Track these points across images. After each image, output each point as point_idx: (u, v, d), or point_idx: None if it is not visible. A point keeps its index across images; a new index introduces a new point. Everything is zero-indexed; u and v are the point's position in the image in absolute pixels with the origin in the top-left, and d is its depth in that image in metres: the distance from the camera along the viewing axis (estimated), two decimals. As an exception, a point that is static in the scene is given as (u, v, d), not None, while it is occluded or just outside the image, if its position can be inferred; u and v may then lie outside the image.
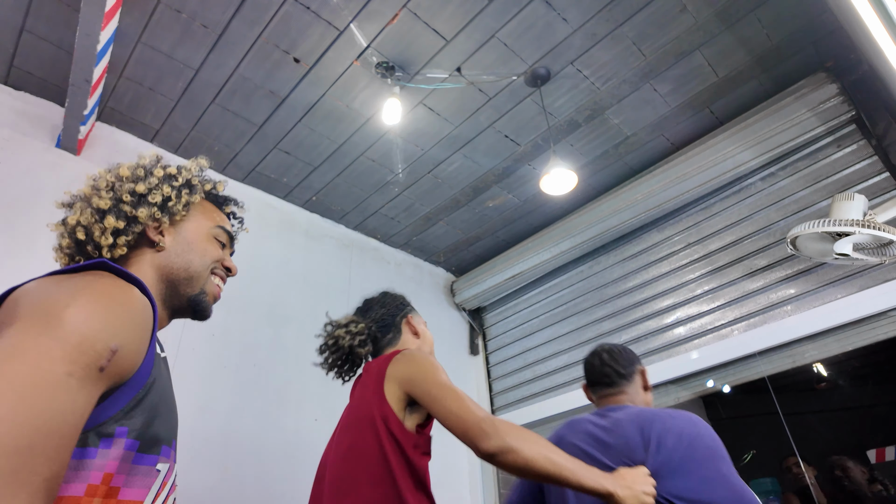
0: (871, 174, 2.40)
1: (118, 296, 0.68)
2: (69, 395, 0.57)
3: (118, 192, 0.89)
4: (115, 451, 0.65)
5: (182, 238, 0.93)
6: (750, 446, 2.77)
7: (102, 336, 0.62)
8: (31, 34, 2.22)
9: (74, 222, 0.88)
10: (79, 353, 0.59)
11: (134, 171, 0.93)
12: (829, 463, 2.44)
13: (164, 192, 0.91)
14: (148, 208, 0.89)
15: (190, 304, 0.92)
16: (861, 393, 2.58)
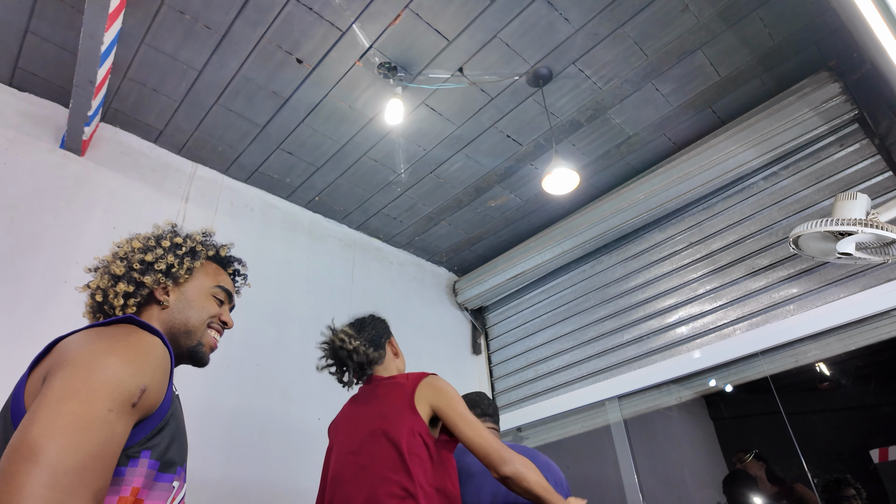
0: (873, 173, 2.39)
1: (145, 346, 0.86)
2: (110, 427, 0.75)
3: (130, 260, 1.09)
4: (140, 469, 0.82)
5: (184, 297, 1.11)
6: (752, 446, 2.77)
7: (134, 379, 0.80)
8: (35, 36, 2.23)
9: (95, 286, 1.08)
10: (117, 392, 0.77)
11: (146, 242, 1.14)
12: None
13: (169, 261, 1.10)
14: (153, 275, 1.07)
15: (189, 354, 1.09)
16: (864, 392, 2.58)
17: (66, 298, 2.24)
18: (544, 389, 3.36)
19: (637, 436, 2.91)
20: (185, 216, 2.77)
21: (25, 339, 2.09)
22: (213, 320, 1.13)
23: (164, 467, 0.86)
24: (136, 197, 2.63)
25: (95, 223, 2.46)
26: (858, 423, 2.67)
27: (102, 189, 2.54)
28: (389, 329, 1.92)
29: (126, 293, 1.05)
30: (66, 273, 2.29)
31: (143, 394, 0.80)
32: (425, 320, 3.67)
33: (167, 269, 1.09)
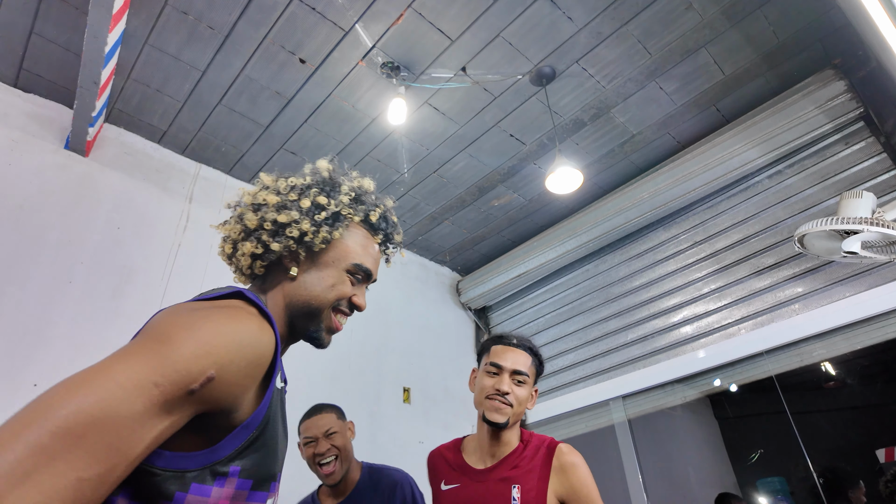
0: (879, 171, 2.38)
1: (236, 331, 0.70)
2: (147, 403, 0.59)
3: (264, 215, 0.89)
4: (227, 490, 0.68)
5: (316, 270, 0.90)
6: (757, 445, 2.76)
7: (202, 362, 0.64)
8: (39, 37, 2.24)
9: (227, 233, 0.92)
10: (172, 370, 0.62)
11: (286, 195, 0.91)
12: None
13: (303, 228, 0.88)
14: (284, 240, 0.87)
15: (307, 337, 0.92)
16: (870, 392, 2.56)
17: (70, 298, 2.25)
18: (548, 389, 3.35)
19: (641, 435, 2.90)
20: (189, 216, 2.78)
21: (30, 338, 2.10)
22: (341, 302, 0.91)
23: (258, 485, 0.72)
24: (139, 197, 2.64)
25: (100, 223, 2.47)
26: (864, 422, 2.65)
27: (106, 189, 2.55)
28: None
29: (253, 254, 0.89)
30: (70, 273, 2.30)
31: (208, 382, 0.64)
32: (428, 320, 3.67)
33: (300, 237, 0.88)
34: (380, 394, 3.11)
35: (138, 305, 2.40)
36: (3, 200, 2.24)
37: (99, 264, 2.38)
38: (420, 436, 3.16)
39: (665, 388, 2.82)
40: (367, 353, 3.17)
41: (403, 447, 3.00)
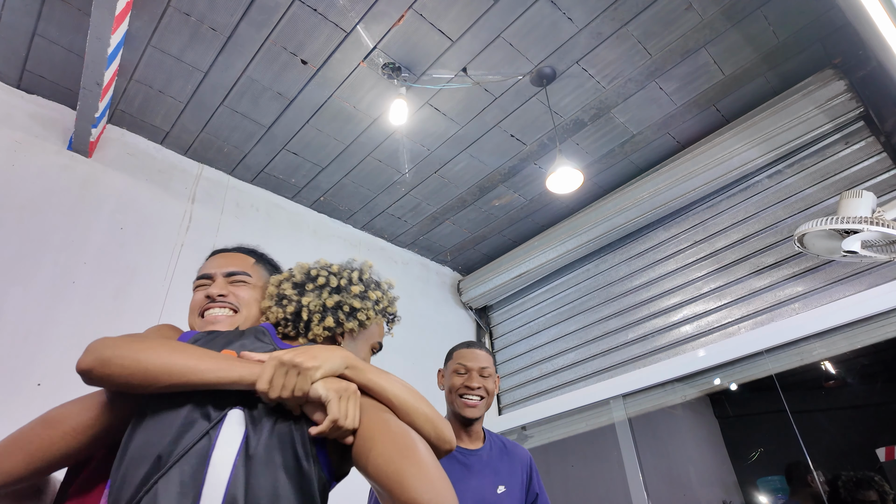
0: (879, 171, 2.38)
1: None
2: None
3: (344, 298, 1.10)
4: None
5: (353, 343, 1.12)
6: (757, 444, 2.77)
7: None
8: (42, 38, 2.25)
9: (306, 302, 1.07)
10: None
11: (364, 288, 1.14)
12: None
13: (368, 315, 1.12)
14: (353, 322, 1.09)
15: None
16: (870, 391, 2.57)
17: (74, 298, 2.26)
18: (548, 388, 3.36)
19: (642, 434, 2.91)
20: (192, 217, 2.79)
21: (34, 338, 2.11)
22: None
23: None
24: (142, 198, 2.65)
25: (103, 224, 2.48)
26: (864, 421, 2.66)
27: (109, 190, 2.56)
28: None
29: (327, 327, 1.07)
30: (74, 273, 2.31)
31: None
32: (430, 319, 3.68)
33: (362, 322, 1.12)
34: (381, 393, 3.13)
35: (141, 305, 2.42)
36: (7, 201, 2.25)
37: (102, 264, 2.40)
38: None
39: (665, 386, 2.83)
40: (368, 353, 3.18)
41: (405, 446, 3.01)
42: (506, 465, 1.61)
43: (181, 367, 0.86)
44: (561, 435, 3.19)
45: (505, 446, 1.68)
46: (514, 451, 1.68)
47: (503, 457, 1.63)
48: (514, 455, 1.66)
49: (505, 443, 1.71)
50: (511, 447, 1.70)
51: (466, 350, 1.69)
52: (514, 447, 1.71)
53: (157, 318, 2.42)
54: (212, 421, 0.84)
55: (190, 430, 0.83)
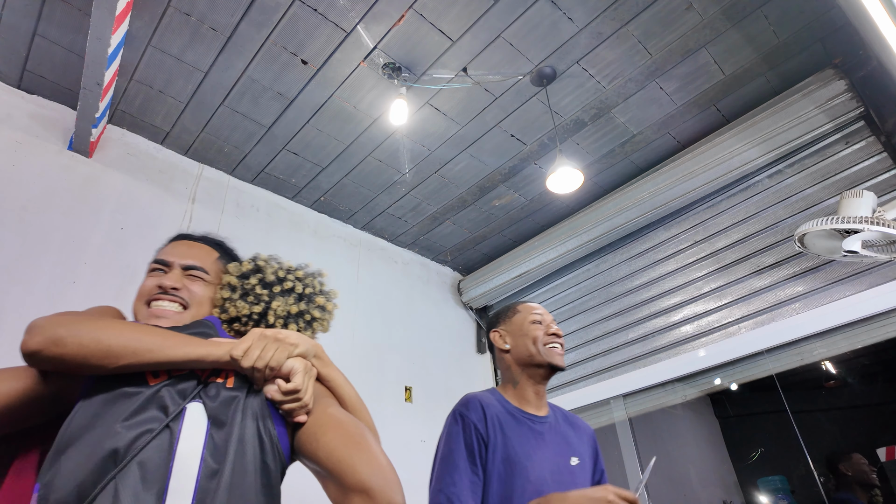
0: (879, 171, 2.38)
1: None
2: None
3: (308, 308, 1.15)
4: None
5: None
6: (758, 444, 2.77)
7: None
8: (43, 38, 2.25)
9: (275, 306, 1.11)
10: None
11: (325, 300, 1.20)
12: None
13: (323, 326, 1.18)
14: (309, 331, 1.14)
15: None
16: (870, 391, 2.57)
17: (75, 298, 2.26)
18: (549, 388, 3.35)
19: (642, 434, 2.91)
20: (192, 217, 2.79)
21: (35, 339, 2.11)
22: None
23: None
24: (143, 198, 2.66)
25: (103, 224, 2.48)
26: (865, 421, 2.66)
27: (110, 190, 2.57)
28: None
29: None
30: (74, 273, 2.31)
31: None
32: (430, 319, 3.68)
33: (315, 331, 1.19)
34: (381, 393, 3.13)
35: (141, 305, 2.42)
36: (8, 202, 2.25)
37: (103, 265, 2.40)
38: (422, 435, 3.17)
39: (666, 386, 2.83)
40: (368, 353, 3.19)
41: (405, 446, 3.01)
42: (574, 436, 1.48)
43: (147, 343, 0.85)
44: (561, 435, 3.19)
45: (567, 417, 1.55)
46: (578, 423, 1.55)
47: (569, 427, 1.50)
48: (580, 427, 1.54)
49: (566, 413, 1.57)
50: (573, 418, 1.56)
51: (532, 304, 1.58)
52: (575, 418, 1.57)
53: (158, 318, 2.42)
54: (169, 413, 0.83)
55: (147, 423, 0.81)
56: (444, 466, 1.29)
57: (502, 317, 1.60)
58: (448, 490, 1.24)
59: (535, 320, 1.51)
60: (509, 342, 1.52)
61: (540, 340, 1.47)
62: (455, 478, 1.25)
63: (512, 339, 1.52)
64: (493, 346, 1.58)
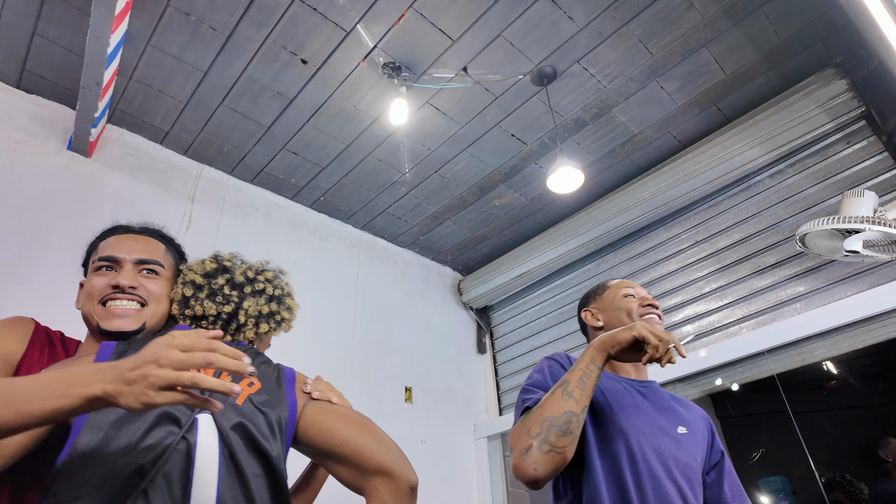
0: (881, 170, 2.38)
1: None
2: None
3: (279, 308, 1.20)
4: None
5: (261, 346, 1.27)
6: (759, 445, 2.76)
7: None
8: (42, 38, 2.25)
9: (246, 306, 1.14)
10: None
11: (293, 300, 1.25)
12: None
13: (289, 326, 1.24)
14: (278, 331, 1.22)
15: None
16: (871, 391, 2.56)
17: (74, 299, 2.26)
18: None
19: (643, 435, 2.90)
20: (192, 217, 2.79)
21: (34, 339, 2.11)
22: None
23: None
24: (142, 198, 2.65)
25: (103, 224, 2.45)
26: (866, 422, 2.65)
27: (109, 190, 2.56)
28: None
29: (259, 332, 1.19)
30: (74, 274, 2.30)
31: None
32: (430, 320, 3.67)
33: (282, 331, 1.26)
34: (381, 393, 3.12)
35: (141, 305, 2.41)
36: (7, 202, 2.25)
37: (102, 265, 2.39)
38: (422, 435, 3.17)
39: (666, 387, 2.82)
40: (368, 353, 3.18)
41: (406, 446, 2.99)
42: (682, 410, 1.38)
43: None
44: (562, 435, 3.18)
45: (675, 397, 1.46)
46: (688, 403, 1.46)
47: (677, 404, 1.40)
48: (690, 406, 1.44)
49: (674, 395, 1.48)
50: (683, 400, 1.47)
51: (623, 279, 1.54)
52: (686, 401, 1.48)
53: (157, 319, 2.42)
54: (183, 426, 0.85)
55: (165, 437, 0.83)
56: (523, 393, 1.24)
57: (591, 296, 1.56)
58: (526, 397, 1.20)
59: (628, 293, 1.46)
60: (602, 319, 1.48)
61: (635, 312, 1.42)
62: (534, 394, 1.19)
63: (605, 315, 1.48)
64: (585, 326, 1.55)
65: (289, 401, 0.98)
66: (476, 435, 3.46)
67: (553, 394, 1.11)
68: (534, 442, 1.04)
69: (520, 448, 1.05)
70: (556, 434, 1.04)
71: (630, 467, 1.14)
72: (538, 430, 1.05)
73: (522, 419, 1.12)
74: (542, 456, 1.03)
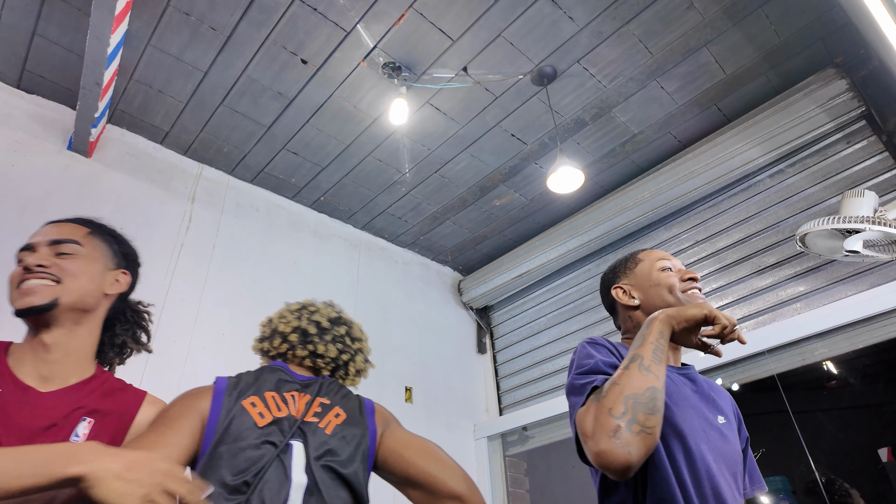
0: (881, 170, 2.38)
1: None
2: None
3: (368, 366, 1.38)
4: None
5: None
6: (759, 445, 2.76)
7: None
8: (42, 38, 2.25)
9: (358, 360, 1.34)
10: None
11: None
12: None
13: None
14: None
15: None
16: (872, 391, 2.56)
17: (74, 299, 2.26)
18: (550, 388, 3.36)
19: (643, 435, 2.90)
20: (192, 217, 2.79)
21: (34, 339, 2.11)
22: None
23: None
24: (142, 198, 2.65)
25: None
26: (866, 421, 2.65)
27: (109, 190, 2.56)
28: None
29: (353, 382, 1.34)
30: (74, 274, 2.31)
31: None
32: (430, 320, 3.67)
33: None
34: (382, 393, 3.12)
35: (141, 305, 2.41)
36: (7, 202, 2.25)
37: (102, 265, 2.39)
38: (422, 435, 3.16)
39: (667, 387, 2.82)
40: (369, 353, 3.18)
41: (405, 446, 3.01)
42: (716, 397, 1.27)
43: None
44: (562, 435, 3.19)
45: (706, 380, 1.35)
46: (718, 387, 1.34)
47: (710, 388, 1.30)
48: (720, 391, 1.33)
49: (704, 377, 1.36)
50: (711, 382, 1.35)
51: (655, 249, 1.38)
52: (713, 383, 1.35)
53: (157, 318, 2.42)
54: (279, 447, 0.99)
55: (263, 457, 0.97)
56: (575, 377, 1.09)
57: (621, 270, 1.38)
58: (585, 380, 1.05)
59: (664, 266, 1.30)
60: (638, 296, 1.30)
61: (677, 288, 1.26)
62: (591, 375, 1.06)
63: (641, 293, 1.30)
64: (615, 304, 1.34)
65: (370, 430, 1.11)
66: (476, 435, 3.46)
67: (627, 370, 0.98)
68: (621, 422, 0.90)
69: (604, 431, 0.90)
70: (644, 412, 0.91)
71: (689, 469, 1.03)
72: (623, 410, 0.91)
73: (594, 400, 0.97)
74: (634, 437, 0.89)
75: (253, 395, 1.05)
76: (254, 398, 1.05)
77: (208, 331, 2.55)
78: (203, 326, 2.54)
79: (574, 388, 1.06)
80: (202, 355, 2.48)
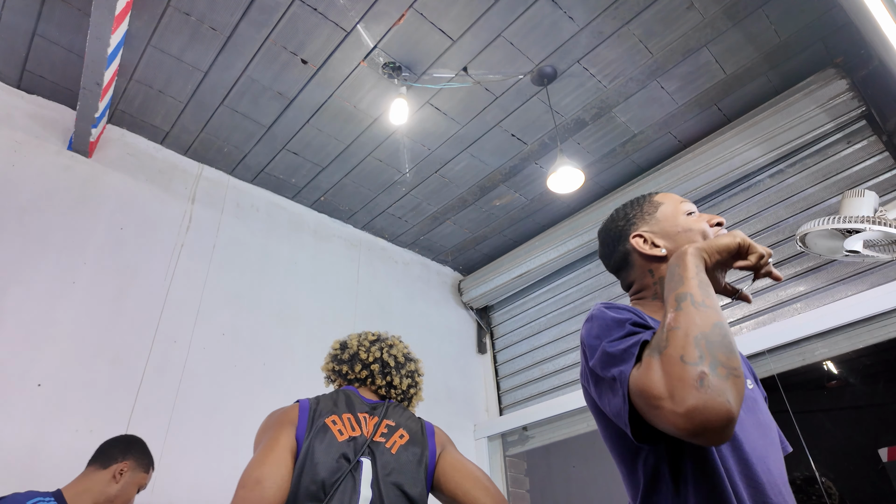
0: (881, 170, 2.38)
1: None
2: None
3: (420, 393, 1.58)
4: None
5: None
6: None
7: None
8: (42, 39, 2.25)
9: (416, 389, 1.53)
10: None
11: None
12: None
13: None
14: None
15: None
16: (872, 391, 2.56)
17: (74, 299, 2.26)
18: (550, 388, 3.36)
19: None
20: (192, 217, 2.79)
21: (35, 338, 2.11)
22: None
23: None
24: (142, 198, 2.65)
25: (103, 224, 2.48)
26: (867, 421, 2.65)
27: (110, 190, 2.56)
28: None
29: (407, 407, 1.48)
30: (74, 273, 2.31)
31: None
32: (430, 320, 3.67)
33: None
34: (382, 393, 3.12)
35: (141, 305, 2.41)
36: (7, 202, 2.25)
37: (102, 265, 2.39)
38: (422, 435, 3.16)
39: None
40: (369, 353, 3.18)
41: (406, 446, 3.00)
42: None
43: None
44: (562, 435, 3.19)
45: None
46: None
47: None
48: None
49: None
50: None
51: (670, 193, 1.16)
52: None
53: (157, 319, 2.42)
54: (351, 462, 1.13)
55: (339, 470, 1.12)
56: (603, 344, 0.86)
57: (637, 216, 1.13)
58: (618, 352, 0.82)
59: (690, 210, 1.11)
60: (663, 244, 1.07)
61: (711, 234, 1.09)
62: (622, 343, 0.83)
63: (667, 239, 1.07)
64: (629, 257, 1.10)
65: (430, 450, 1.24)
66: (476, 435, 3.46)
67: (680, 311, 0.77)
68: (704, 368, 0.69)
69: (685, 384, 0.68)
70: (724, 353, 0.72)
71: (734, 453, 0.84)
72: (699, 353, 0.70)
73: (650, 354, 0.75)
74: (725, 382, 0.68)
75: (333, 415, 1.22)
76: (334, 417, 1.21)
77: (208, 331, 2.55)
78: (203, 326, 2.54)
79: (612, 358, 0.81)
80: (201, 355, 2.49)
